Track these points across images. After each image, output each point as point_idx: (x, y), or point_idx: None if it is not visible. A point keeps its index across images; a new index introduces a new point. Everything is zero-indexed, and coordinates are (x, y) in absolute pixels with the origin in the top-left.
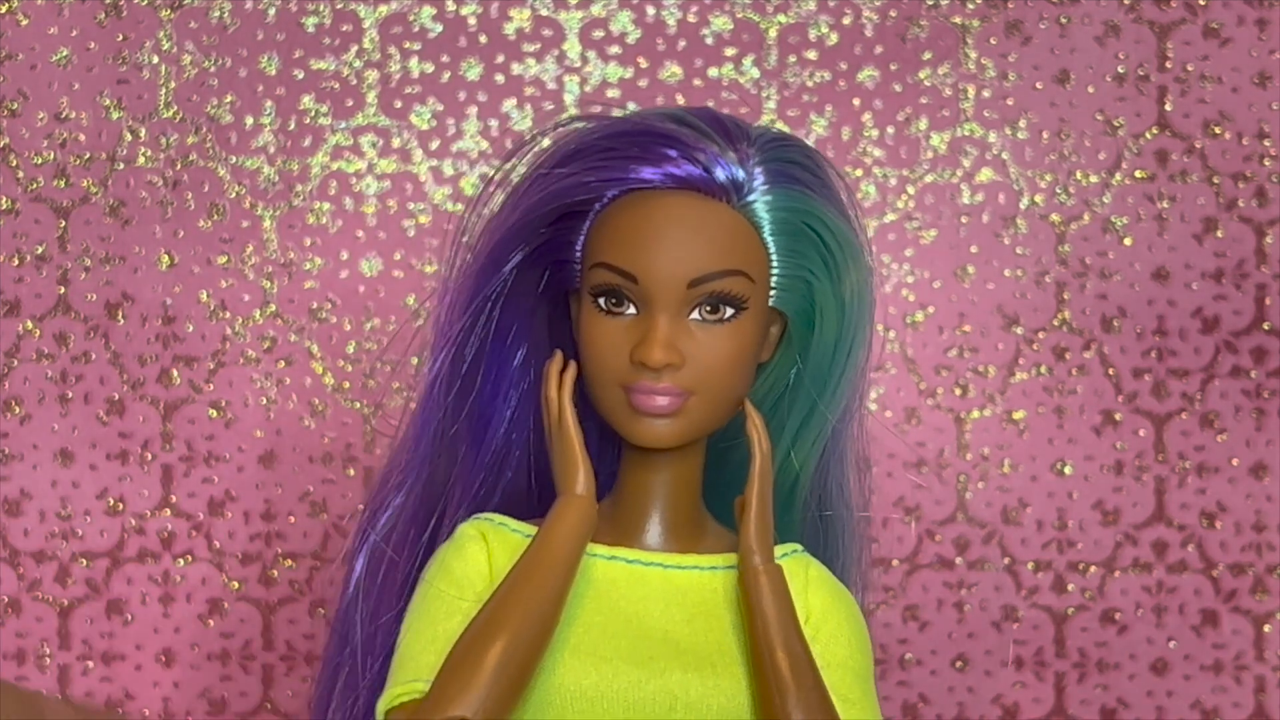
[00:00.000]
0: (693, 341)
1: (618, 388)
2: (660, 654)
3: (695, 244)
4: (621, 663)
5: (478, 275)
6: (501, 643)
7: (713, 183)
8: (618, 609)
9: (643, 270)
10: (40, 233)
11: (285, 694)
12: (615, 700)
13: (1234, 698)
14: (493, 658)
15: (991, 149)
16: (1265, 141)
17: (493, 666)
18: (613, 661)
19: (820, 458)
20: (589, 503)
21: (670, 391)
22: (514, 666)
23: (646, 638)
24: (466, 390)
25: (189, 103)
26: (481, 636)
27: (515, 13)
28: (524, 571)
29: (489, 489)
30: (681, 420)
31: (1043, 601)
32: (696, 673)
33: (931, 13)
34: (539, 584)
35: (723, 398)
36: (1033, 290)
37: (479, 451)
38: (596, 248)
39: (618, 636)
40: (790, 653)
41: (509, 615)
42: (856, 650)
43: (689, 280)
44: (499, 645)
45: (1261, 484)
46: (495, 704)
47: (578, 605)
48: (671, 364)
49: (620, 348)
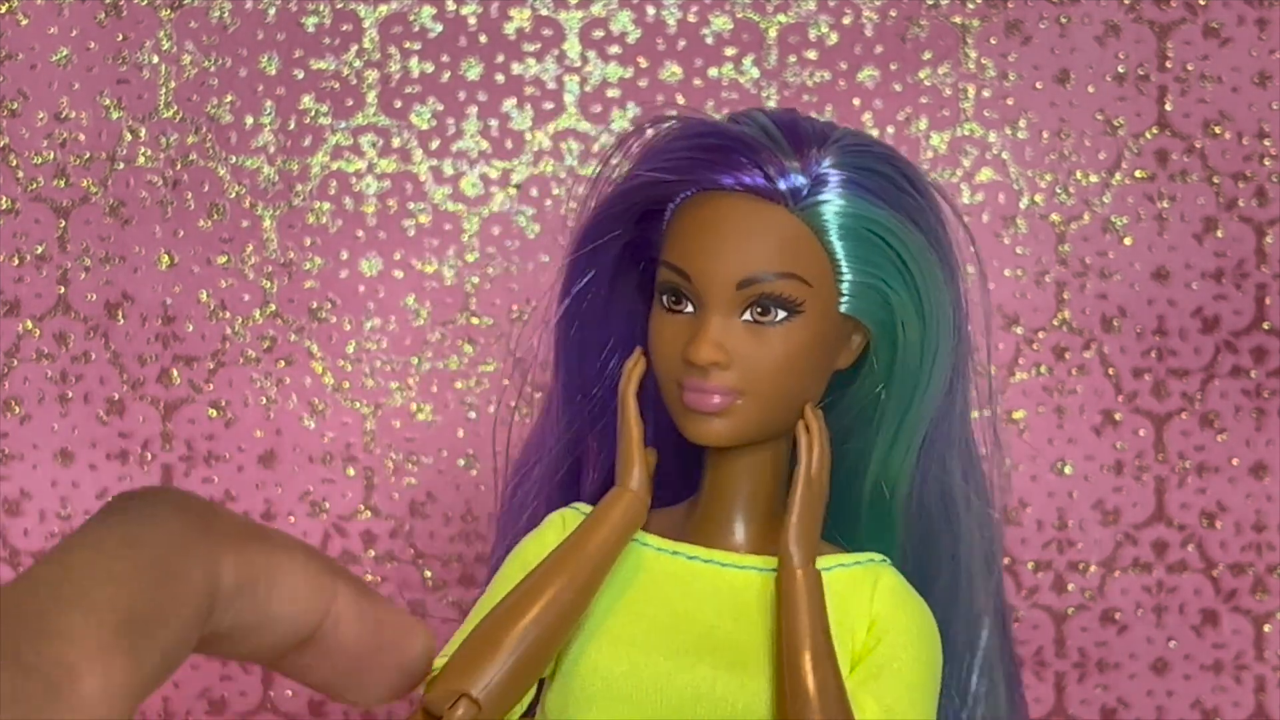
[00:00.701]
0: (741, 342)
1: (674, 384)
2: (695, 648)
3: (747, 246)
4: (655, 654)
5: (566, 276)
6: (519, 626)
7: (773, 187)
8: (670, 603)
9: (696, 269)
10: (40, 233)
11: (285, 694)
12: (643, 690)
13: (1234, 697)
14: (509, 640)
15: (991, 149)
16: (1265, 141)
17: (508, 649)
18: (647, 652)
19: (918, 467)
20: (637, 497)
21: (719, 390)
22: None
23: (688, 632)
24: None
25: (189, 103)
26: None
27: (515, 12)
28: (559, 559)
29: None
30: (731, 420)
31: (1043, 601)
32: (727, 670)
33: (931, 13)
34: (569, 573)
35: (776, 400)
36: (1033, 290)
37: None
38: (666, 246)
39: (662, 630)
40: (817, 658)
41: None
42: (916, 662)
43: (738, 281)
44: (517, 628)
45: (1261, 484)
46: (501, 685)
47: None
48: (718, 363)
49: (677, 345)
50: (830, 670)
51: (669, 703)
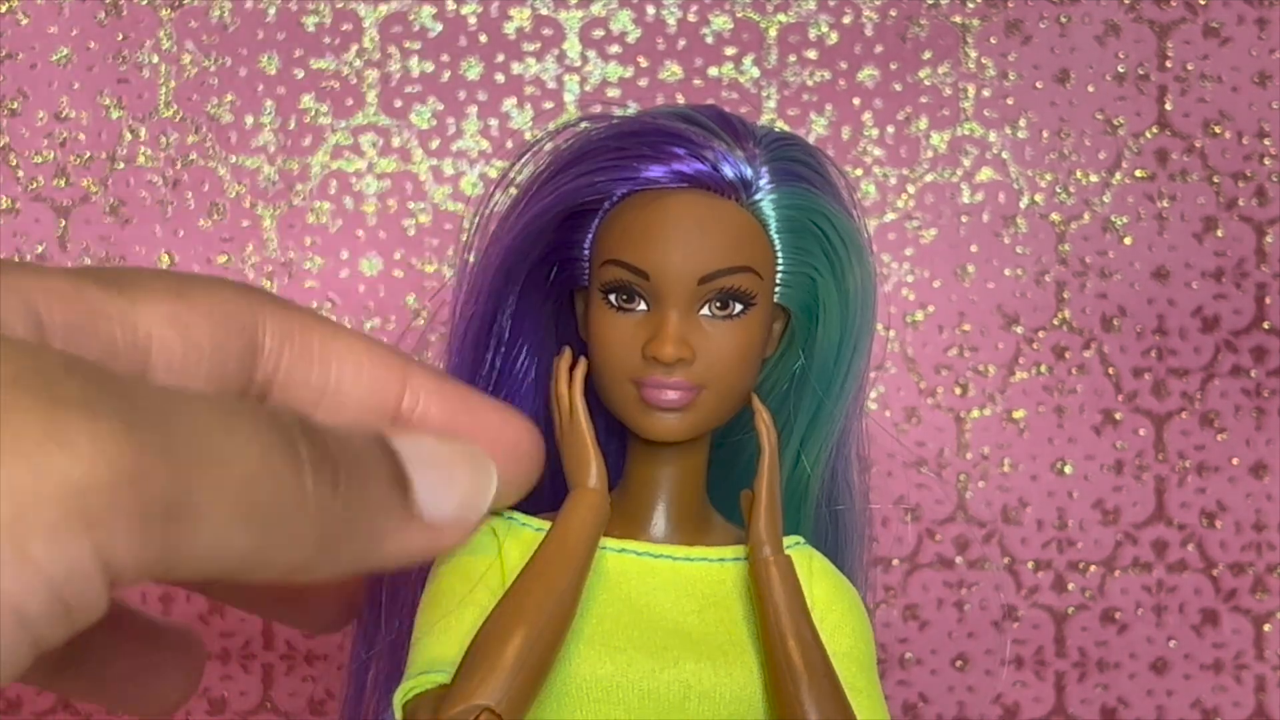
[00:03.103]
0: (703, 337)
1: (629, 383)
2: (673, 644)
3: (705, 241)
4: (635, 652)
5: (490, 279)
6: (521, 634)
7: (721, 180)
8: (629, 600)
9: (654, 267)
10: (40, 232)
11: (285, 694)
12: (629, 690)
13: (1234, 697)
14: (513, 649)
15: (991, 148)
16: (1265, 141)
17: (513, 657)
18: (626, 651)
19: (830, 455)
20: (601, 496)
21: (681, 386)
22: (534, 657)
23: (659, 628)
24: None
25: (189, 102)
26: (501, 629)
27: (515, 12)
28: (540, 564)
29: None
30: (692, 414)
31: (1043, 601)
32: (709, 662)
33: (931, 12)
34: (555, 576)
35: (732, 392)
36: (1033, 290)
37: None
38: (606, 245)
39: (630, 627)
40: (802, 641)
41: (527, 607)
42: (860, 641)
43: (699, 276)
44: (519, 637)
45: (1261, 483)
46: (517, 694)
47: (590, 597)
48: (683, 359)
49: (632, 343)
50: (817, 651)
51: (659, 701)
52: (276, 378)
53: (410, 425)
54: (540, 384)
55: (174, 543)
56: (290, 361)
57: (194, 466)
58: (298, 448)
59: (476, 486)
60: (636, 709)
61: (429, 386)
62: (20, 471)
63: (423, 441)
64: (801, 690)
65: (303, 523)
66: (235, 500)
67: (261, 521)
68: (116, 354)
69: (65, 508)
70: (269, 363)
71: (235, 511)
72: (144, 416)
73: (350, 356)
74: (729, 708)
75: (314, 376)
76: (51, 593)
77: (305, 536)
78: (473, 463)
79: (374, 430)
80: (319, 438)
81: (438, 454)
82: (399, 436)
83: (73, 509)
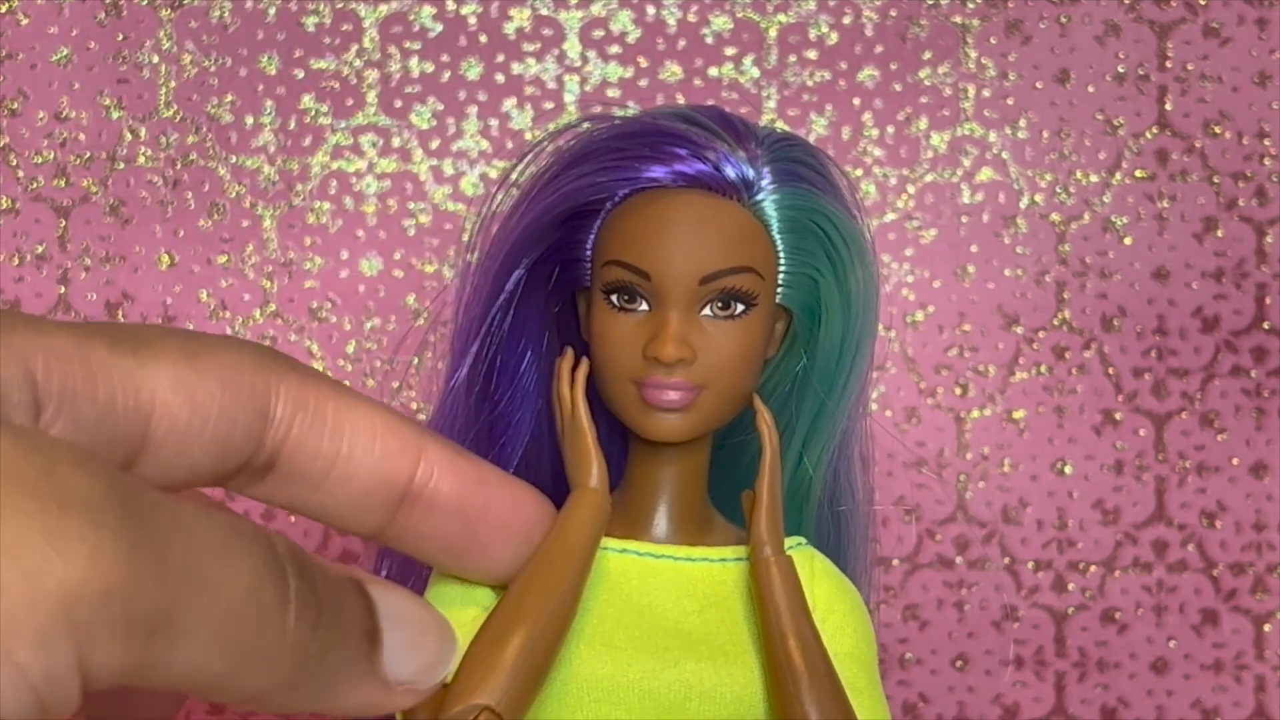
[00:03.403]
0: (704, 337)
1: (629, 383)
2: (674, 644)
3: (707, 241)
4: (636, 652)
5: (493, 280)
6: (522, 633)
7: (723, 180)
8: (630, 600)
9: (655, 267)
10: (40, 232)
11: None
12: (630, 689)
13: (1234, 697)
14: (514, 648)
15: (991, 149)
16: (1265, 141)
17: (514, 656)
18: (627, 651)
19: (832, 455)
20: (602, 496)
21: (682, 386)
22: (535, 656)
23: (659, 628)
24: (485, 394)
25: (189, 102)
26: (502, 628)
27: (515, 12)
28: (541, 564)
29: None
30: (693, 414)
31: (1043, 601)
32: (710, 662)
33: (931, 12)
34: (557, 575)
35: (733, 392)
36: (1033, 290)
37: (500, 453)
38: (608, 246)
39: (631, 627)
40: (803, 641)
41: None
42: (862, 641)
43: (701, 277)
44: (519, 636)
45: (1261, 483)
46: (518, 693)
47: (591, 597)
48: (684, 359)
49: (633, 344)
50: (817, 651)
51: (660, 701)
52: (285, 447)
53: (421, 500)
54: (542, 385)
55: (152, 657)
56: (302, 431)
57: (185, 588)
58: (287, 581)
59: (439, 656)
60: (637, 709)
61: (443, 461)
62: (15, 577)
63: (397, 598)
64: (802, 690)
65: (277, 657)
66: (219, 626)
67: (238, 650)
68: (115, 417)
69: (54, 614)
70: (279, 431)
71: (216, 637)
72: (145, 533)
73: (365, 427)
74: (730, 708)
75: (325, 446)
76: (31, 694)
77: (275, 671)
78: (441, 632)
79: (353, 576)
80: (309, 574)
81: (410, 614)
82: (375, 587)
83: (60, 616)
